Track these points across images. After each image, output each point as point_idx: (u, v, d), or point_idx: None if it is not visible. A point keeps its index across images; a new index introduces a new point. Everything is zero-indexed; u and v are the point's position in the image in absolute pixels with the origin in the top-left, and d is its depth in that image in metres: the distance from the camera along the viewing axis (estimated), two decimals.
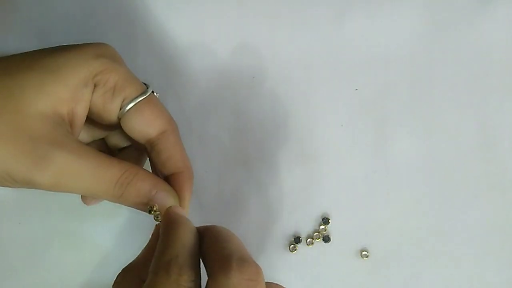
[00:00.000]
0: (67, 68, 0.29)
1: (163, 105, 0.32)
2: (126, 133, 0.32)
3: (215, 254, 0.26)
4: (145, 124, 0.31)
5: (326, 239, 0.38)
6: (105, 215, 0.39)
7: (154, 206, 0.30)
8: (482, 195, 0.39)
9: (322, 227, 0.38)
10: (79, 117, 0.30)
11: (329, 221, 0.38)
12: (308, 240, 0.38)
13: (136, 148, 0.35)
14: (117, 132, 0.34)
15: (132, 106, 0.31)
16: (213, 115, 0.40)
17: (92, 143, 0.35)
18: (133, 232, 0.39)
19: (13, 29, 0.39)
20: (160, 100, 0.33)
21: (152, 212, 0.30)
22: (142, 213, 0.32)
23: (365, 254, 0.38)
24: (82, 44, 0.31)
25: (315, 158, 0.39)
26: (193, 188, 0.39)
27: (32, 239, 0.38)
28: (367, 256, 0.38)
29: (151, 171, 0.34)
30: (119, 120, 0.32)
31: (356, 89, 0.40)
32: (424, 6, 0.40)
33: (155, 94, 0.32)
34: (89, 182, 0.28)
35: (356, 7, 0.40)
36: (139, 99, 0.31)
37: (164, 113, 0.32)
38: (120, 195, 0.29)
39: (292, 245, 0.38)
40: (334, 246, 0.39)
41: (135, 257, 0.29)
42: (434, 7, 0.40)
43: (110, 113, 0.31)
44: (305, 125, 0.40)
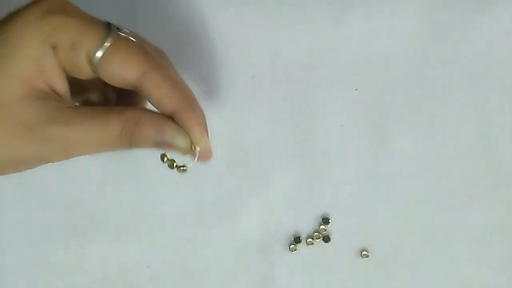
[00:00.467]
0: (20, 44, 0.27)
1: (137, 43, 0.29)
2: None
3: None
4: (119, 72, 0.28)
5: (326, 239, 0.38)
6: (105, 216, 0.39)
7: (166, 154, 0.29)
8: (482, 195, 0.39)
9: (322, 227, 0.38)
10: (60, 83, 0.28)
11: (329, 221, 0.38)
12: (308, 240, 0.38)
13: None
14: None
15: (99, 58, 0.27)
16: (213, 115, 0.40)
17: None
18: (134, 234, 0.39)
19: None
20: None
21: (165, 160, 0.29)
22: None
23: (365, 254, 0.38)
24: (25, 7, 0.28)
25: (315, 158, 0.39)
26: (193, 188, 0.39)
27: (32, 239, 0.38)
28: (367, 256, 0.38)
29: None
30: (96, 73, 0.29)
31: (356, 89, 0.40)
32: (424, 6, 0.40)
33: (122, 33, 0.28)
34: (97, 142, 0.28)
35: (356, 7, 0.40)
36: (102, 50, 0.27)
37: (137, 53, 0.28)
38: (130, 144, 0.28)
39: (292, 245, 0.38)
40: (334, 246, 0.38)
41: None
42: (434, 7, 0.40)
43: (84, 71, 0.28)
44: (305, 125, 0.40)
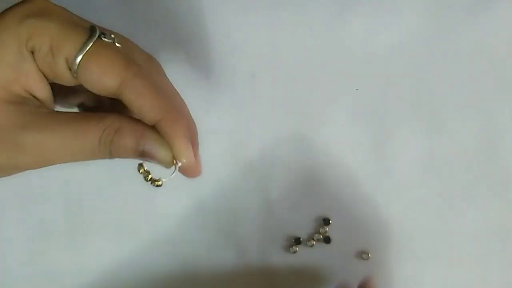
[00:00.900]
0: None
1: (118, 48, 0.27)
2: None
3: None
4: (98, 79, 0.26)
5: (327, 240, 0.38)
6: (105, 216, 0.39)
7: (144, 165, 0.27)
8: (483, 195, 0.39)
9: (323, 228, 0.38)
10: (40, 88, 0.27)
11: (330, 222, 0.38)
12: (309, 241, 0.38)
13: None
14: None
15: (79, 62, 0.26)
16: (213, 115, 0.40)
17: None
18: (134, 234, 0.39)
19: None
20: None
21: (141, 172, 0.27)
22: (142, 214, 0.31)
23: (366, 256, 0.38)
24: (4, 11, 0.27)
25: (315, 158, 0.39)
26: (193, 188, 0.39)
27: (32, 239, 0.38)
28: (368, 258, 0.38)
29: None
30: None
31: (357, 89, 0.40)
32: (425, 6, 0.40)
33: (106, 39, 0.27)
34: (73, 150, 0.27)
35: (357, 7, 0.40)
36: (81, 55, 0.26)
37: (117, 59, 0.27)
38: (109, 154, 0.27)
39: (292, 246, 0.38)
40: (335, 247, 0.38)
41: None
42: (435, 7, 0.40)
43: (64, 76, 0.27)
44: (305, 125, 0.40)
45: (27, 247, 0.38)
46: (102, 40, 0.27)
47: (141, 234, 0.39)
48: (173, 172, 0.27)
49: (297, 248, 0.38)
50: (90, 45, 0.26)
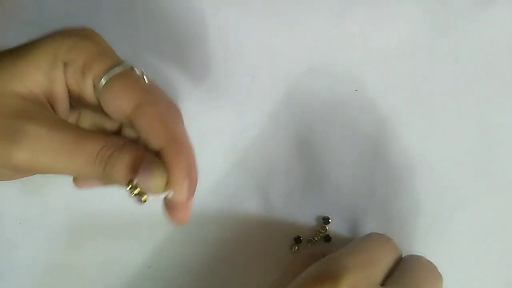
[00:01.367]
0: (35, 51, 0.28)
1: (143, 80, 0.29)
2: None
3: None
4: (116, 98, 0.28)
5: (327, 239, 0.38)
6: (104, 215, 0.39)
7: (134, 180, 0.26)
8: (483, 195, 0.39)
9: (323, 227, 0.38)
10: (59, 98, 0.29)
11: (330, 221, 0.38)
12: (309, 240, 0.38)
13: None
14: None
15: (104, 83, 0.28)
16: (213, 115, 0.40)
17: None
18: (134, 234, 0.39)
19: (13, 28, 0.39)
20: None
21: (129, 188, 0.26)
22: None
23: None
24: (59, 29, 0.29)
25: (315, 158, 0.39)
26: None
27: (32, 239, 0.38)
28: None
29: None
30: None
31: (356, 90, 0.40)
32: (424, 6, 0.40)
33: (137, 71, 0.29)
34: (67, 157, 0.27)
35: (356, 7, 0.40)
36: (110, 74, 0.28)
37: (139, 85, 0.28)
38: (102, 170, 0.27)
39: (293, 245, 0.38)
40: (335, 246, 0.38)
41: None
42: (435, 7, 0.40)
43: (87, 94, 0.29)
44: (305, 125, 0.40)
45: (28, 247, 0.38)
46: (131, 71, 0.29)
47: (141, 234, 0.39)
48: (164, 195, 0.27)
49: (297, 247, 0.38)
50: (119, 71, 0.28)
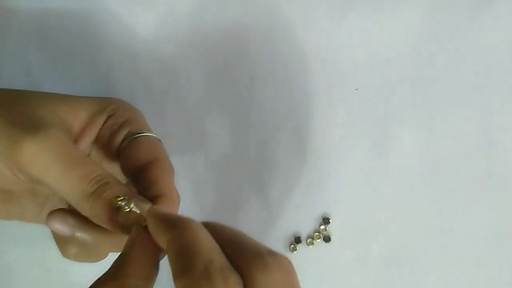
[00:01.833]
0: (93, 98, 0.34)
1: (161, 145, 0.33)
2: (121, 167, 0.32)
3: (239, 251, 0.23)
4: (140, 150, 0.32)
5: (327, 239, 0.38)
6: None
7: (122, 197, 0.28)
8: (484, 195, 0.39)
9: (323, 227, 0.38)
10: (85, 137, 0.32)
11: (330, 221, 0.38)
12: (309, 240, 0.38)
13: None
14: (114, 166, 0.34)
15: (132, 138, 0.32)
16: (213, 116, 0.40)
17: None
18: None
19: (13, 28, 0.39)
20: (160, 101, 0.34)
21: (120, 199, 0.27)
22: None
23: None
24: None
25: (315, 158, 0.39)
26: (193, 189, 0.39)
27: (32, 239, 0.38)
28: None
29: None
30: (118, 153, 0.33)
31: (356, 89, 0.40)
32: (425, 6, 0.40)
33: (159, 139, 0.34)
34: (67, 165, 0.27)
35: (357, 7, 0.40)
36: (141, 134, 0.32)
37: (159, 146, 0.33)
38: (92, 193, 0.27)
39: (293, 245, 0.38)
40: (335, 246, 0.39)
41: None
42: (435, 7, 0.40)
43: (114, 144, 0.33)
44: (305, 125, 0.40)
45: (28, 247, 0.38)
46: (155, 136, 0.33)
47: None
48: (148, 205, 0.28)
49: (297, 247, 0.38)
50: (147, 133, 0.33)
